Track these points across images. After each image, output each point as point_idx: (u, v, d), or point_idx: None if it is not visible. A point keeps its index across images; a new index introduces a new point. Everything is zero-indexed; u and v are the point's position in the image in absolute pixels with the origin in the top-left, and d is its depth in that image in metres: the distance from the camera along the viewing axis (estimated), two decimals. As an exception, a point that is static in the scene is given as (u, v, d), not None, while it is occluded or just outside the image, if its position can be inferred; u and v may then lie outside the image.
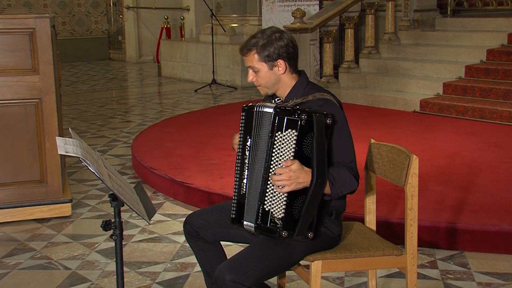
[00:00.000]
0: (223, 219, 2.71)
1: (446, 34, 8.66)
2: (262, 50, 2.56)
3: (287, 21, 9.01)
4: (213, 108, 8.57)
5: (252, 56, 2.58)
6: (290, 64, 2.60)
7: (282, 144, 2.38)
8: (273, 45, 2.55)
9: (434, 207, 4.15)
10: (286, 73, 2.61)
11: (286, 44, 2.57)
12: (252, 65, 2.60)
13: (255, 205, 2.45)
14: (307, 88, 2.63)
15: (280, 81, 2.62)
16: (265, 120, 2.44)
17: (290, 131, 2.37)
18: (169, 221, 4.43)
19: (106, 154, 6.25)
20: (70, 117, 8.21)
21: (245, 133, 2.51)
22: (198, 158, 5.58)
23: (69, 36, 15.35)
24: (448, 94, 7.48)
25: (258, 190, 2.45)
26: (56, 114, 4.37)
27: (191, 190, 4.79)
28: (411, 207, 2.58)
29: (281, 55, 2.56)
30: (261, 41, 2.56)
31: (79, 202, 4.85)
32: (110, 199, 2.37)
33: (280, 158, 2.39)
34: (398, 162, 2.61)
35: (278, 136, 2.39)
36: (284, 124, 2.37)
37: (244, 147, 2.51)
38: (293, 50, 2.59)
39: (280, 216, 2.40)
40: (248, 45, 2.59)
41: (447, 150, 5.67)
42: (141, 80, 12.19)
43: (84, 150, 2.25)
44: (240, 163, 2.53)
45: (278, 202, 2.41)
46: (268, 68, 2.58)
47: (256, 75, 2.62)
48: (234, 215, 2.55)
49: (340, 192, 2.50)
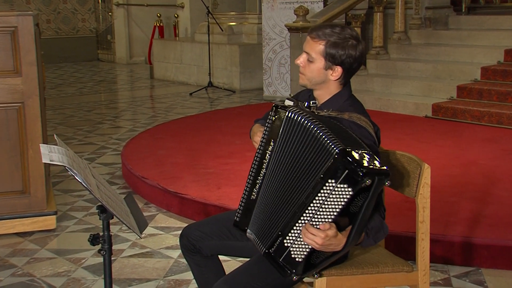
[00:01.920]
0: (222, 231, 2.71)
1: (461, 33, 8.68)
2: (332, 47, 2.49)
3: (289, 20, 9.04)
4: (209, 113, 8.58)
5: (318, 45, 2.51)
6: (345, 76, 2.56)
7: (331, 196, 2.20)
8: (344, 50, 2.49)
9: (448, 220, 4.15)
10: (336, 81, 2.56)
11: (356, 57, 2.50)
12: (311, 53, 2.53)
13: (271, 230, 2.38)
14: (346, 102, 2.58)
15: (325, 84, 2.57)
16: (321, 150, 2.26)
17: (346, 187, 2.18)
18: (162, 235, 4.43)
19: (94, 163, 6.25)
20: (55, 123, 8.22)
21: (269, 137, 2.44)
22: (193, 166, 5.58)
23: (54, 35, 15.38)
24: (463, 98, 7.50)
25: (275, 208, 2.38)
26: (40, 119, 4.37)
27: (186, 201, 4.79)
28: (423, 220, 2.58)
29: (344, 64, 2.51)
30: (335, 37, 2.48)
31: (64, 214, 4.85)
32: (98, 211, 2.36)
33: (322, 209, 2.23)
34: (408, 172, 2.62)
35: (329, 184, 2.19)
36: (342, 175, 2.17)
37: (265, 151, 2.45)
38: (357, 66, 2.54)
39: (298, 260, 2.32)
40: (322, 32, 2.51)
41: (461, 159, 5.68)
42: (132, 83, 12.20)
43: (70, 158, 2.25)
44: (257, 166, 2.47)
45: (301, 246, 2.31)
46: (324, 65, 2.52)
47: (307, 63, 2.55)
48: (239, 219, 2.53)
49: (374, 242, 2.44)
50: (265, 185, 2.45)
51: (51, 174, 5.42)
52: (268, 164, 2.44)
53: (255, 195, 2.48)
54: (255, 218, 2.48)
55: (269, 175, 2.44)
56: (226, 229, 2.67)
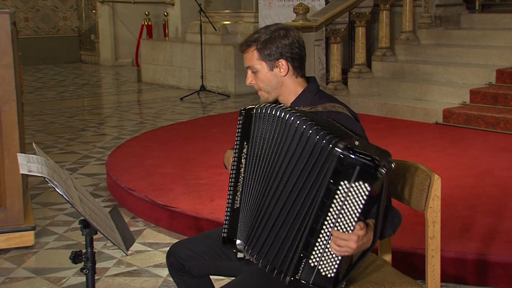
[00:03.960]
0: (215, 250, 2.71)
1: (474, 33, 8.71)
2: (263, 46, 2.61)
3: (288, 18, 9.06)
4: (202, 119, 8.59)
5: (252, 53, 2.63)
6: (294, 66, 2.64)
7: (348, 198, 2.22)
8: (275, 43, 2.60)
9: (460, 236, 4.15)
10: (288, 76, 2.64)
11: (290, 42, 2.61)
12: (251, 64, 2.65)
13: (281, 248, 2.36)
14: (316, 96, 2.65)
15: (282, 85, 2.65)
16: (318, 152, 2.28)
17: (362, 184, 2.20)
18: (150, 252, 4.43)
19: (76, 173, 6.25)
20: (34, 130, 8.22)
21: (242, 140, 2.49)
22: (185, 177, 5.58)
23: (32, 34, 15.39)
24: (476, 103, 7.51)
25: (258, 206, 2.41)
26: (18, 126, 4.37)
27: (176, 215, 4.79)
28: (433, 236, 2.59)
29: (284, 55, 2.61)
30: (263, 37, 2.62)
31: (43, 229, 4.84)
32: (80, 226, 2.37)
33: (342, 214, 2.25)
34: (417, 183, 2.62)
35: (343, 186, 2.22)
36: (354, 173, 2.20)
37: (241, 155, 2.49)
38: (299, 50, 2.63)
39: (329, 276, 2.32)
40: (249, 41, 2.65)
41: (475, 169, 5.69)
42: (118, 86, 12.21)
43: (50, 168, 2.25)
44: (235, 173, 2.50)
45: (330, 260, 2.31)
46: (268, 68, 2.63)
47: (255, 76, 2.67)
48: (226, 234, 2.53)
49: (393, 232, 2.52)
50: (246, 190, 2.48)
51: (29, 186, 5.41)
52: (246, 167, 2.48)
53: (238, 203, 2.51)
54: (242, 226, 2.49)
55: (249, 177, 2.47)
56: (219, 247, 2.67)
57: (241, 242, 2.49)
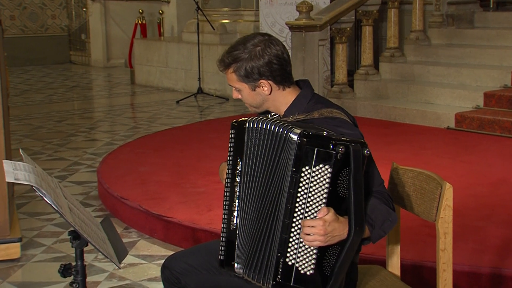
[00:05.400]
0: (211, 263, 2.71)
1: (488, 32, 8.71)
2: (240, 68, 2.61)
3: (290, 17, 9.07)
4: (199, 123, 8.59)
5: (230, 74, 2.66)
6: (277, 82, 2.63)
7: (312, 183, 2.32)
8: (251, 63, 2.59)
9: (474, 248, 4.15)
10: (274, 92, 2.65)
11: (267, 62, 2.59)
12: (232, 85, 2.67)
13: (265, 256, 2.40)
14: (311, 101, 2.66)
15: (270, 100, 2.67)
16: (266, 141, 2.43)
17: (322, 166, 2.30)
18: (144, 264, 4.43)
19: (65, 181, 6.25)
20: (21, 135, 8.22)
21: (235, 155, 2.53)
22: (181, 185, 5.59)
23: (19, 33, 15.41)
24: (491, 107, 7.52)
25: (256, 225, 2.44)
26: (3, 131, 4.37)
27: (172, 226, 4.79)
28: (445, 248, 2.59)
29: (263, 74, 2.61)
30: (240, 57, 2.61)
31: (30, 241, 4.84)
32: (70, 237, 2.37)
33: (308, 201, 2.33)
34: (427, 192, 2.63)
35: (305, 172, 2.32)
36: (313, 157, 2.31)
37: (235, 172, 2.52)
38: (278, 66, 2.61)
39: (309, 274, 2.35)
40: (224, 61, 2.65)
41: (489, 177, 5.69)
42: (110, 89, 12.22)
43: (38, 176, 2.26)
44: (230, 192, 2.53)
45: (306, 255, 2.36)
46: (250, 88, 2.65)
47: (239, 93, 2.69)
48: (223, 257, 2.54)
49: (383, 233, 2.52)
50: (242, 209, 2.49)
51: (15, 194, 5.41)
52: (240, 185, 2.50)
53: (234, 224, 2.52)
54: (240, 249, 2.50)
55: (244, 196, 2.49)
56: (216, 260, 2.66)
57: (239, 266, 2.51)
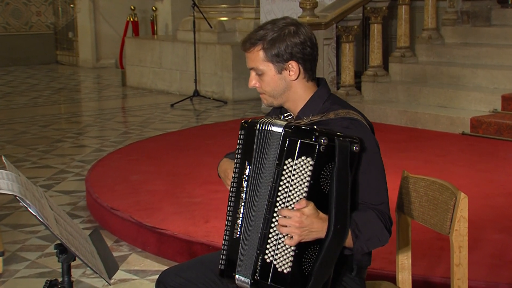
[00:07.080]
0: (208, 277, 2.71)
1: (506, 30, 8.72)
2: (271, 46, 2.59)
3: (293, 14, 9.08)
4: (195, 128, 8.59)
5: (257, 53, 2.61)
6: (306, 69, 2.63)
7: (293, 176, 2.38)
8: (285, 41, 2.58)
9: (491, 263, 4.15)
10: (299, 80, 2.63)
11: (302, 41, 2.59)
12: (256, 66, 2.63)
13: (253, 254, 2.45)
14: (327, 102, 2.65)
15: (290, 90, 2.64)
16: (272, 143, 2.45)
17: (305, 159, 2.37)
18: (136, 280, 4.42)
19: (51, 191, 6.25)
20: (3, 141, 8.22)
21: (243, 159, 2.52)
22: (175, 195, 5.58)
23: (1, 31, 15.45)
24: (509, 111, 7.52)
25: (258, 234, 2.45)
26: (-15, 137, 4.38)
27: (166, 238, 4.78)
28: (459, 263, 2.59)
29: (295, 56, 2.60)
30: (270, 35, 2.59)
31: (13, 255, 4.84)
32: (56, 251, 2.37)
33: (289, 194, 2.40)
34: (440, 202, 2.63)
35: (288, 165, 2.38)
36: (296, 148, 2.38)
37: (241, 177, 2.51)
38: (311, 50, 2.62)
39: (286, 272, 2.40)
40: (253, 38, 2.62)
41: (507, 186, 5.68)
42: (99, 91, 12.23)
43: (22, 185, 2.26)
44: (235, 197, 2.53)
45: (283, 252, 2.41)
46: (276, 71, 2.61)
47: (259, 79, 2.65)
48: (224, 266, 2.54)
49: (366, 248, 2.52)
50: (248, 217, 2.49)
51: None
52: (247, 192, 2.50)
53: (238, 232, 2.52)
54: (244, 259, 2.50)
55: (251, 204, 2.49)
56: (215, 274, 2.66)
57: (241, 277, 2.50)
